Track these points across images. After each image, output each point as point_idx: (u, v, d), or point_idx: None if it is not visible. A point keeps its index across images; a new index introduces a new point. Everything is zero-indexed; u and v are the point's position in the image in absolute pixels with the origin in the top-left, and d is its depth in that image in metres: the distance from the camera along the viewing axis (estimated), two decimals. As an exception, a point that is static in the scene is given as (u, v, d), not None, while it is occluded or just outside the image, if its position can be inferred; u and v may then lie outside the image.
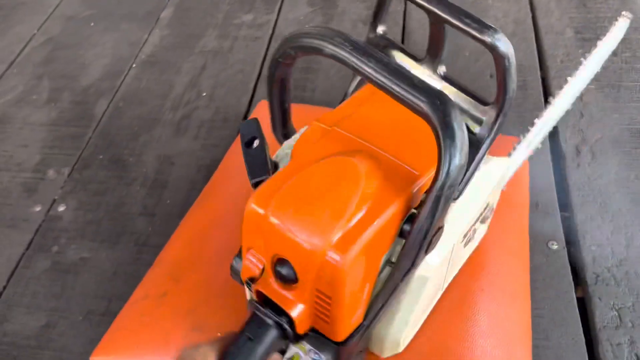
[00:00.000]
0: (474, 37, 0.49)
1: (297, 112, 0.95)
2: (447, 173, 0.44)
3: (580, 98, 1.02)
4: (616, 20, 0.80)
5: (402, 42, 1.19)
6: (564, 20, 1.19)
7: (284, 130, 0.62)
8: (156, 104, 1.09)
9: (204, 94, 1.10)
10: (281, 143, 0.62)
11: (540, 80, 1.06)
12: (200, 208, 0.83)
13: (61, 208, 0.92)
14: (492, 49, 0.49)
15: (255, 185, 0.54)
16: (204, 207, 0.83)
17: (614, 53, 1.11)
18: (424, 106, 0.43)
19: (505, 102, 0.53)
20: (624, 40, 1.13)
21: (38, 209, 0.92)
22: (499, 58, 0.50)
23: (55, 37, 1.29)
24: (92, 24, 1.32)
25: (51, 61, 1.22)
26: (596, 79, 1.06)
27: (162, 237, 0.84)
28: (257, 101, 1.06)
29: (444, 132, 0.43)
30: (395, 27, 1.22)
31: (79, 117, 1.08)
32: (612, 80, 1.05)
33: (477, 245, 0.73)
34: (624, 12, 0.80)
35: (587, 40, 1.13)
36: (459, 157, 0.43)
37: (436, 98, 0.43)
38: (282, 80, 0.55)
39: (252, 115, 1.00)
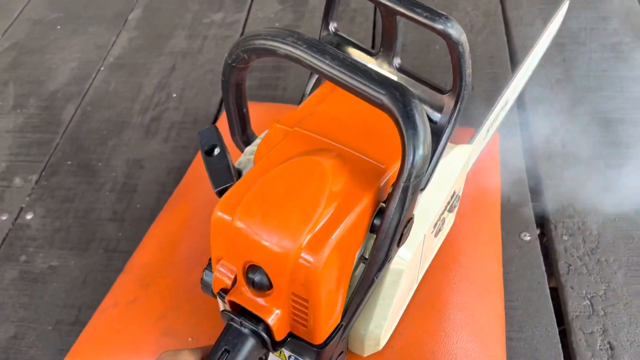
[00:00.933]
0: (426, 26, 0.49)
1: (269, 111, 0.94)
2: (412, 164, 0.43)
3: (551, 89, 1.02)
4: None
5: (373, 37, 1.18)
6: (534, 12, 1.19)
7: (243, 136, 0.61)
8: (125, 106, 1.07)
9: (174, 95, 1.09)
10: (242, 149, 0.61)
11: (510, 72, 1.06)
12: (170, 211, 0.82)
13: (29, 216, 0.90)
14: (445, 36, 0.49)
15: (220, 193, 0.53)
16: (174, 210, 0.82)
17: (582, 43, 1.12)
18: (384, 99, 0.43)
19: (462, 88, 0.53)
20: (592, 30, 1.15)
21: (4, 217, 0.90)
22: (452, 45, 0.50)
23: (21, 41, 1.26)
24: (58, 27, 1.29)
25: (17, 66, 1.19)
26: (566, 69, 1.07)
27: (132, 242, 0.83)
28: (227, 101, 1.05)
29: (405, 123, 0.43)
30: (366, 22, 1.21)
31: (46, 123, 1.06)
32: (582, 70, 1.05)
33: (449, 239, 0.73)
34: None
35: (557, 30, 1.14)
36: (423, 147, 0.43)
37: (395, 90, 0.43)
38: (238, 85, 0.54)
39: (222, 116, 0.99)
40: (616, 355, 0.68)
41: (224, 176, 0.54)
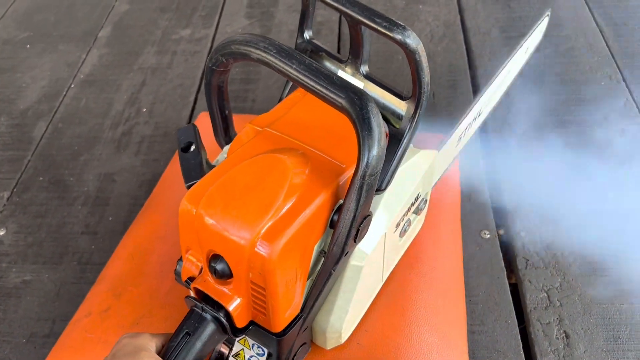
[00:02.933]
0: (385, 36, 0.52)
1: (238, 122, 0.97)
2: (367, 163, 0.46)
3: (507, 93, 1.07)
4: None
5: (338, 47, 1.22)
6: (490, 21, 1.24)
7: (226, 137, 0.64)
8: (96, 122, 1.09)
9: (144, 110, 1.11)
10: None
11: (469, 79, 1.11)
12: (142, 223, 0.83)
13: (1, 232, 0.91)
14: (402, 45, 0.52)
15: (190, 188, 0.56)
16: (145, 220, 0.83)
17: (537, 49, 1.17)
18: (342, 102, 0.46)
19: (421, 95, 0.56)
20: (545, 36, 1.20)
21: (-23, 235, 0.91)
22: (409, 54, 0.53)
23: (-10, 61, 1.27)
24: (28, 46, 1.30)
25: (-14, 86, 1.20)
26: (520, 74, 1.12)
27: (105, 254, 0.84)
28: (197, 114, 1.07)
29: (361, 124, 0.46)
30: (331, 34, 1.25)
31: (17, 141, 1.07)
32: (536, 74, 1.10)
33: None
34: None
35: (512, 39, 1.19)
36: (377, 147, 0.46)
37: (354, 94, 0.46)
38: (219, 87, 0.58)
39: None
40: (571, 344, 0.72)
41: (195, 172, 0.58)
